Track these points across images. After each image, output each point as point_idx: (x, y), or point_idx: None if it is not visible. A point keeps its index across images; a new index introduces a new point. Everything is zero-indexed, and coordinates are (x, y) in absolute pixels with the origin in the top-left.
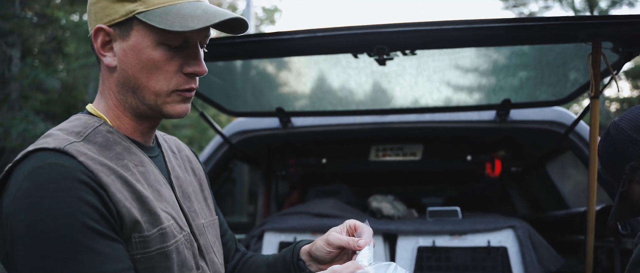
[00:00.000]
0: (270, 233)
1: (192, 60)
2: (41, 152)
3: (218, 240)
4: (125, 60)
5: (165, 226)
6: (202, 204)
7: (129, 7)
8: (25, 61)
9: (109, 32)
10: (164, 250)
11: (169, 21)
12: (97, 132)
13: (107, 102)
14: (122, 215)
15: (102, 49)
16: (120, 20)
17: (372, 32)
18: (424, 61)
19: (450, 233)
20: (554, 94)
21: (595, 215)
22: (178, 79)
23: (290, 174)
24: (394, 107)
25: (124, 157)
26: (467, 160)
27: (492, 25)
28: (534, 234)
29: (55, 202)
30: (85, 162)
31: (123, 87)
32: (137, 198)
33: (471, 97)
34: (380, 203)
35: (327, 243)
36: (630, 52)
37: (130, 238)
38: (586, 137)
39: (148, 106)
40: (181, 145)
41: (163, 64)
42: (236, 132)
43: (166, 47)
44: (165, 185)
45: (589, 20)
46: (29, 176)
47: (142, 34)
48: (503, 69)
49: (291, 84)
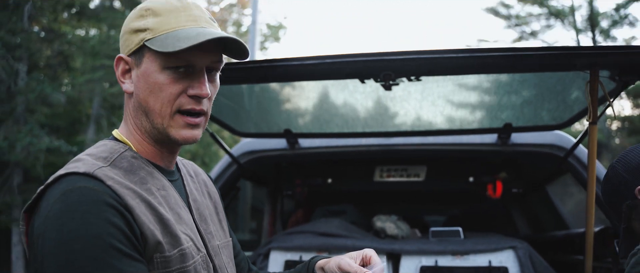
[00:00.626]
0: (276, 252)
1: (196, 83)
2: (72, 176)
3: (232, 261)
4: (139, 86)
5: (185, 247)
6: (217, 226)
7: (141, 36)
8: (31, 75)
9: (127, 61)
10: (183, 270)
11: (165, 44)
12: (122, 158)
13: (129, 127)
14: (146, 236)
15: (122, 76)
16: (135, 49)
17: (379, 59)
18: (428, 86)
19: (452, 253)
20: (554, 118)
21: (593, 236)
22: (181, 100)
23: (297, 194)
24: (398, 129)
25: (148, 181)
26: (469, 181)
27: (494, 54)
28: (534, 254)
29: (85, 223)
30: (113, 185)
31: (137, 111)
32: (159, 221)
33: (474, 121)
34: (384, 223)
35: (338, 267)
36: (626, 80)
37: (152, 258)
38: (585, 160)
39: (157, 130)
40: (198, 170)
41: (167, 87)
42: (244, 152)
43: (171, 70)
44: (184, 208)
45: (586, 50)
46: (60, 198)
47: (150, 60)
48: (505, 93)
49: (299, 106)
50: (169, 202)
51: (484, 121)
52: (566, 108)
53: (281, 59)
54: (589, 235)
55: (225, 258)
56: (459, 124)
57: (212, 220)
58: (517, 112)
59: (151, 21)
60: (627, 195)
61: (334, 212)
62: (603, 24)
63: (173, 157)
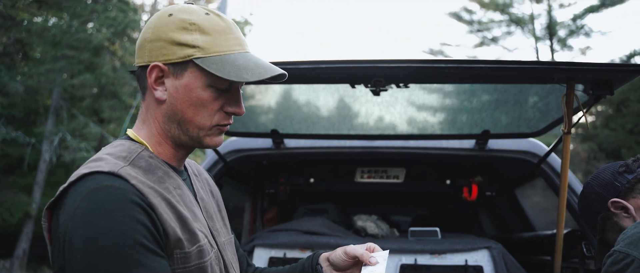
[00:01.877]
0: (260, 249)
1: (234, 102)
2: (97, 175)
3: (235, 257)
4: (176, 96)
5: (203, 244)
6: (221, 223)
7: (188, 51)
8: None
9: (163, 70)
10: (201, 265)
11: (225, 70)
12: (140, 157)
13: (151, 130)
14: (167, 233)
15: (155, 83)
16: (177, 61)
17: (372, 66)
18: (413, 93)
19: (431, 252)
20: (530, 126)
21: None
22: (219, 115)
23: (280, 192)
24: (382, 133)
25: (165, 181)
26: (446, 184)
27: (478, 65)
28: (506, 255)
29: (112, 221)
30: (137, 184)
31: (169, 118)
32: (178, 218)
33: (454, 127)
34: (365, 223)
35: (344, 252)
36: (598, 94)
37: (173, 254)
38: (556, 166)
39: (190, 137)
40: (200, 169)
41: (209, 103)
42: (231, 150)
43: (214, 89)
44: (196, 206)
45: (565, 65)
46: (87, 196)
47: (195, 76)
48: (484, 102)
49: (286, 107)
50: (185, 200)
51: (463, 127)
52: (541, 117)
53: (276, 63)
54: (559, 238)
55: (230, 255)
56: (439, 129)
57: (216, 218)
58: (495, 119)
59: (200, 39)
60: (601, 209)
61: (316, 210)
62: (560, 33)
63: (185, 158)
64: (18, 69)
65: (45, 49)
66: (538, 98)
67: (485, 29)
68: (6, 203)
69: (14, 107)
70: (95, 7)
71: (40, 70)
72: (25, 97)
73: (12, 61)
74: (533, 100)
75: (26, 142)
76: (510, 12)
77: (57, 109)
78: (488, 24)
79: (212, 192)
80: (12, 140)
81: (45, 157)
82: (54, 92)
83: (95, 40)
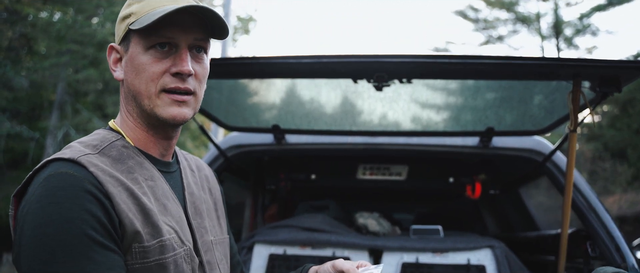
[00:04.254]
0: (260, 245)
1: (178, 61)
2: (57, 162)
3: (226, 259)
4: (126, 71)
5: (166, 239)
6: (214, 222)
7: (126, 22)
8: None
9: (118, 50)
10: (161, 262)
11: (142, 21)
12: (112, 147)
13: (122, 116)
14: (124, 225)
15: (114, 65)
16: (123, 36)
17: (375, 61)
18: (415, 89)
19: (432, 251)
20: (535, 124)
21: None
22: (165, 79)
23: (280, 188)
24: (385, 129)
25: (135, 171)
26: (449, 182)
27: (483, 61)
28: (510, 254)
29: (60, 208)
30: (95, 172)
31: (128, 96)
32: (141, 211)
33: (457, 124)
34: (367, 220)
35: (332, 266)
36: (606, 92)
37: (131, 247)
38: (561, 165)
39: (146, 112)
40: (201, 165)
41: (150, 66)
42: (232, 145)
43: (154, 50)
44: (173, 200)
45: (571, 62)
46: (43, 183)
47: (135, 43)
48: (489, 99)
49: (288, 103)
50: (155, 192)
51: (467, 124)
52: (546, 115)
53: (278, 57)
54: (564, 237)
55: (219, 255)
56: (442, 126)
57: (209, 216)
58: (499, 116)
59: (135, 6)
60: None
61: (317, 207)
62: (567, 32)
63: (168, 144)
64: (23, 63)
65: (50, 44)
66: (543, 95)
67: (490, 28)
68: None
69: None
70: (100, 2)
71: (44, 65)
72: (29, 92)
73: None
74: (538, 98)
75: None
76: (516, 10)
77: (61, 103)
78: (494, 22)
79: (211, 190)
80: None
81: (49, 151)
82: (59, 87)
83: (100, 35)
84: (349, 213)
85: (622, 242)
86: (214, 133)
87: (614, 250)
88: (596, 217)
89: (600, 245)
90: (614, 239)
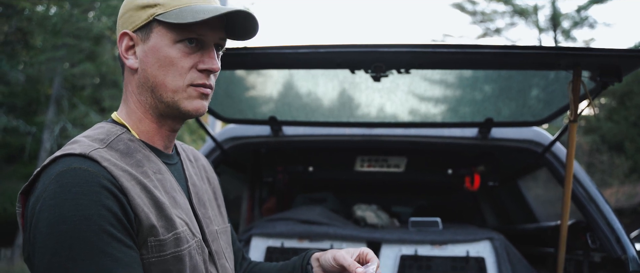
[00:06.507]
0: (257, 238)
1: (206, 58)
2: (68, 158)
3: (230, 247)
4: (146, 61)
5: (180, 231)
6: (216, 211)
7: (150, 11)
8: None
9: (132, 37)
10: (178, 254)
11: (182, 16)
12: (119, 140)
13: (129, 106)
14: (140, 219)
15: (126, 52)
16: (142, 25)
17: (372, 50)
18: (414, 79)
19: (431, 243)
20: (534, 115)
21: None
22: (192, 74)
23: (278, 181)
24: (382, 121)
25: (144, 164)
26: (448, 173)
27: (482, 50)
28: (509, 246)
29: (77, 205)
30: (109, 167)
31: (142, 87)
32: (154, 204)
33: (456, 115)
34: (365, 212)
35: (333, 258)
36: (606, 81)
37: (146, 241)
38: (561, 156)
39: (166, 104)
40: (197, 155)
41: (179, 61)
42: (228, 138)
43: (182, 44)
44: (180, 192)
45: (571, 50)
46: (55, 179)
47: (160, 34)
48: (488, 89)
49: (285, 94)
50: (164, 185)
51: (466, 115)
52: (545, 106)
53: (274, 47)
54: (564, 228)
55: (224, 244)
56: (440, 117)
57: (211, 205)
58: (498, 107)
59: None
60: None
61: (315, 199)
62: (564, 24)
63: (172, 136)
64: (19, 57)
65: (46, 38)
66: (542, 86)
67: (488, 20)
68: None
69: (15, 96)
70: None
71: (41, 59)
72: (26, 86)
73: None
74: (537, 88)
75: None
76: (513, 3)
77: (58, 98)
78: (491, 14)
79: (209, 179)
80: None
81: (46, 146)
82: (55, 81)
83: (96, 29)
84: (347, 206)
85: (623, 234)
86: (211, 126)
87: (614, 241)
88: (596, 208)
89: (600, 237)
90: (614, 231)
